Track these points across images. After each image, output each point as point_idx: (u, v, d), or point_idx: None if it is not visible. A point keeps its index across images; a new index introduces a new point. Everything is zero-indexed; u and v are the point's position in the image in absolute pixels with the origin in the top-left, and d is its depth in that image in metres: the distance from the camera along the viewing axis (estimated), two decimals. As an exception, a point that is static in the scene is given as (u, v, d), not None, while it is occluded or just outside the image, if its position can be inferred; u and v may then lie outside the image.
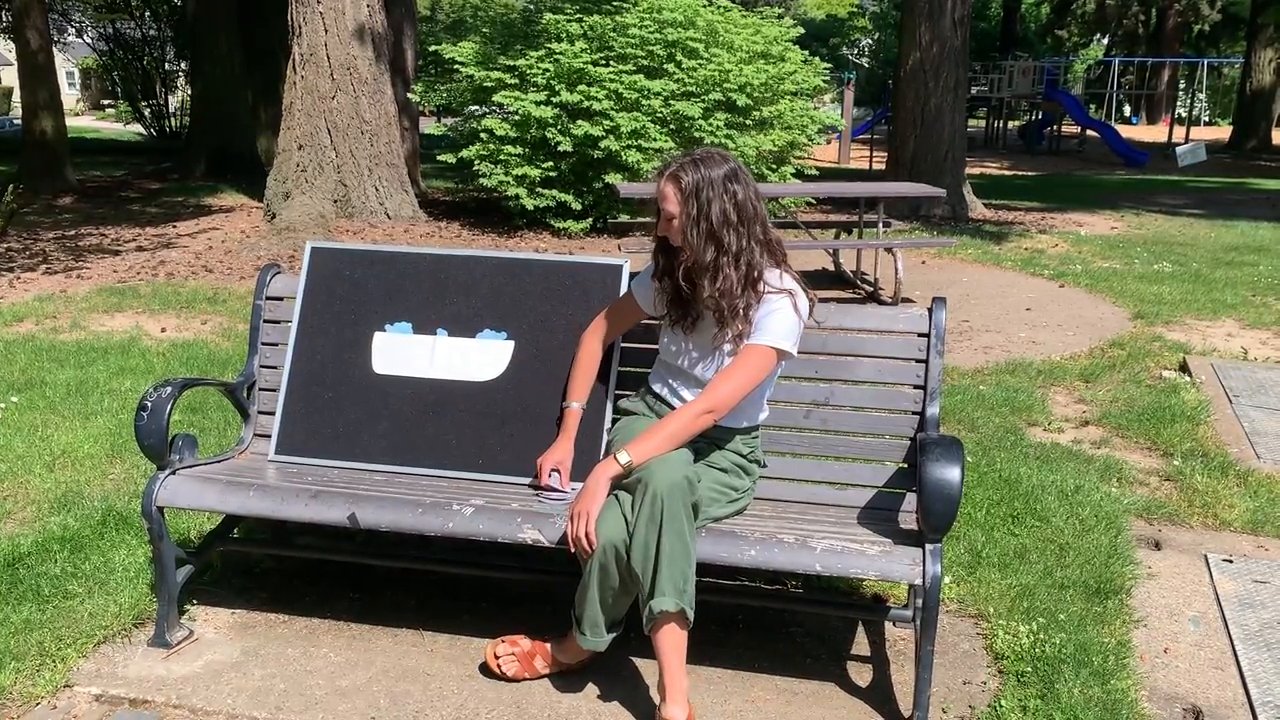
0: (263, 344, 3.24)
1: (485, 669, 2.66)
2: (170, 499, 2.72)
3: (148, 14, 22.45)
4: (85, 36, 25.82)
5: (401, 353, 3.08)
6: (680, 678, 2.40)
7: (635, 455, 2.47)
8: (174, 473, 2.77)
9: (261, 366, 3.22)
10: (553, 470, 2.81)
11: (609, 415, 2.93)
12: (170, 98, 24.11)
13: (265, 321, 3.24)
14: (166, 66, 23.77)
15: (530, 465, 2.92)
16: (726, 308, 2.52)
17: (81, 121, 33.82)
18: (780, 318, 2.54)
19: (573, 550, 2.45)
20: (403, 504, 2.63)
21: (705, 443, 2.67)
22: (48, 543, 3.29)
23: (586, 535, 2.41)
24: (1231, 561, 3.40)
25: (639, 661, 2.73)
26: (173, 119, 23.37)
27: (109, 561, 3.18)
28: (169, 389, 2.79)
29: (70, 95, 41.13)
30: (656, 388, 2.78)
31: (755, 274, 2.54)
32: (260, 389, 3.22)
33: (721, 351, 2.60)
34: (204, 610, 3.00)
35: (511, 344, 3.04)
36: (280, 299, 3.25)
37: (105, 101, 39.29)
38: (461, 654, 2.78)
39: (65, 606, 2.93)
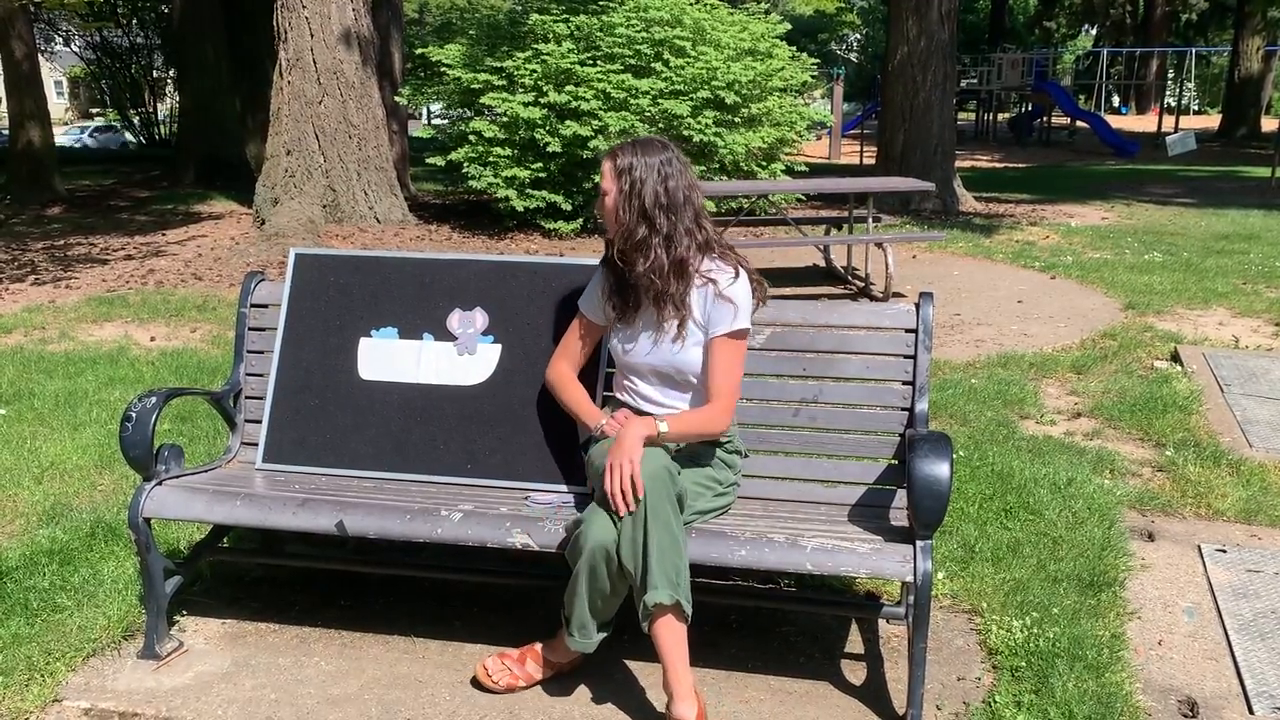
0: (248, 352, 3.22)
1: (476, 683, 2.63)
2: (157, 510, 2.71)
3: (135, 22, 22.39)
4: (73, 45, 25.75)
5: (388, 358, 3.06)
6: (684, 673, 2.39)
7: (671, 426, 2.53)
8: (160, 483, 2.76)
9: (247, 374, 3.20)
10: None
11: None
12: (159, 105, 24.06)
13: (251, 329, 3.22)
14: (155, 74, 23.73)
15: (519, 469, 2.91)
16: (659, 288, 2.57)
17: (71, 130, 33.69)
18: (724, 304, 2.58)
19: (614, 505, 2.36)
20: (391, 510, 2.61)
21: None
22: (36, 555, 3.27)
23: (633, 480, 2.34)
24: (1225, 551, 3.40)
25: (631, 664, 2.72)
26: (162, 126, 23.32)
27: (98, 573, 3.16)
28: (153, 399, 2.77)
29: (59, 104, 41.03)
30: (620, 396, 2.80)
31: (682, 259, 2.58)
32: (247, 397, 3.20)
33: (666, 336, 2.63)
34: (194, 621, 2.98)
35: (499, 348, 3.02)
36: (265, 306, 3.23)
37: (94, 110, 39.17)
38: (453, 660, 2.77)
39: (54, 620, 2.91)
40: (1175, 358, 5.64)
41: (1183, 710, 2.55)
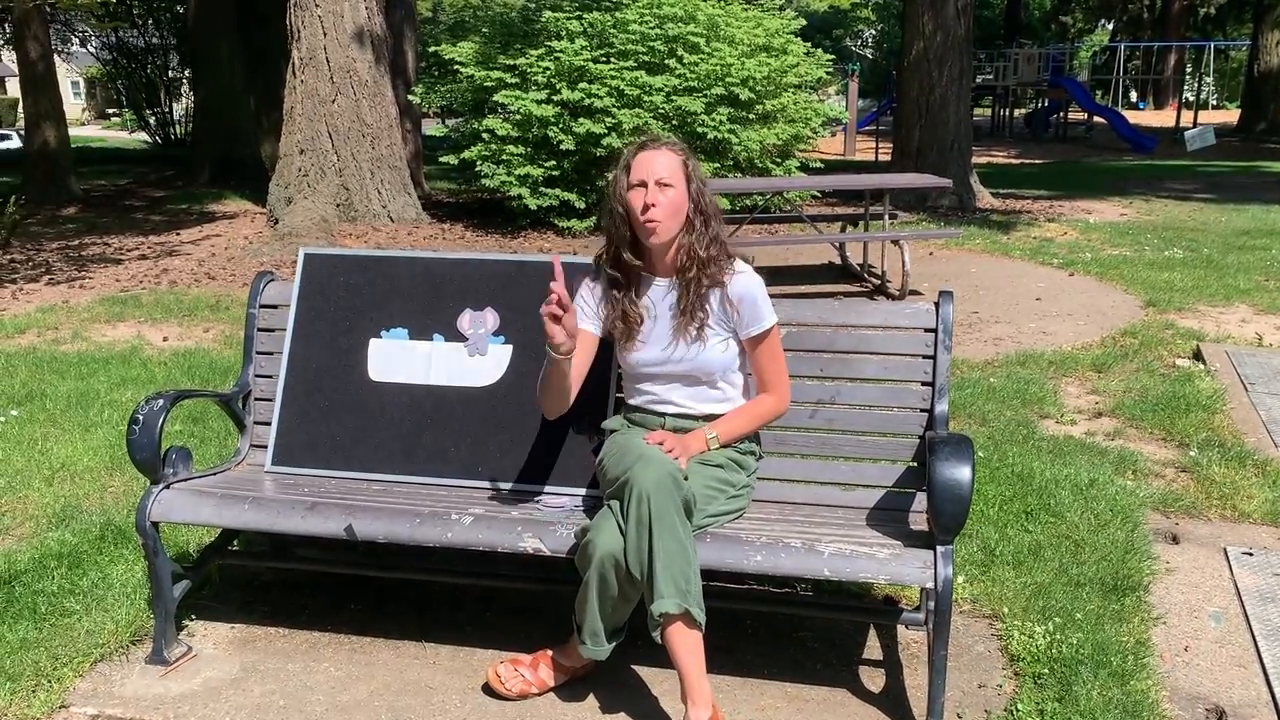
0: (258, 353, 3.18)
1: (488, 689, 2.59)
2: (165, 513, 2.68)
3: (150, 22, 22.46)
4: (89, 46, 25.85)
5: (398, 360, 3.02)
6: (700, 681, 2.32)
7: (721, 432, 2.60)
8: (168, 487, 2.72)
9: (257, 376, 3.17)
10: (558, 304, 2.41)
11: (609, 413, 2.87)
12: (174, 105, 24.14)
13: (260, 330, 3.19)
14: (170, 74, 23.80)
15: (530, 472, 2.87)
16: (701, 285, 2.56)
17: (87, 131, 33.90)
18: (746, 306, 2.59)
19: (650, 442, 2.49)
20: (400, 514, 2.57)
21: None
22: (45, 559, 3.24)
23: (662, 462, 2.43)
24: (1252, 554, 3.32)
25: (644, 670, 2.67)
26: (178, 126, 23.40)
27: (107, 577, 3.13)
28: (161, 402, 2.73)
29: (75, 105, 41.27)
30: (634, 401, 2.74)
31: (720, 256, 2.59)
32: (256, 399, 3.16)
33: (685, 338, 2.59)
34: (203, 625, 2.95)
35: (510, 348, 2.98)
36: (275, 307, 3.20)
37: (110, 110, 39.40)
38: (464, 666, 2.73)
39: (62, 624, 2.88)
40: (1197, 356, 5.55)
41: (1210, 719, 2.49)
